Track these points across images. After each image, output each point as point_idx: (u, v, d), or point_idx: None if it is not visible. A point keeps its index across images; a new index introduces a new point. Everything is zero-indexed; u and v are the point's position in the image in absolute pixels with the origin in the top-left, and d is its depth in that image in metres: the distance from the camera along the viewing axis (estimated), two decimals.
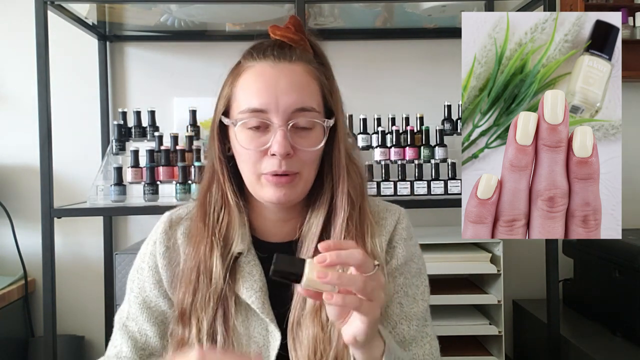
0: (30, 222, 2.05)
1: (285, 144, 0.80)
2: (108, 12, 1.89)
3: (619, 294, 1.63)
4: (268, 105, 0.81)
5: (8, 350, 1.91)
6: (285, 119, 0.81)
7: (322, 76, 0.86)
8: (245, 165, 0.85)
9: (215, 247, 0.85)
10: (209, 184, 0.90)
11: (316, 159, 0.86)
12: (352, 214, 0.85)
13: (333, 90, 0.87)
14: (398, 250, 0.91)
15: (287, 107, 0.81)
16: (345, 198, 0.85)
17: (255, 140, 0.82)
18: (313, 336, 0.81)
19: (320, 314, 0.81)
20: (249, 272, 0.87)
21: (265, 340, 0.85)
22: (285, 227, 0.91)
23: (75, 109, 2.11)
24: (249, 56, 0.86)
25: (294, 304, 0.84)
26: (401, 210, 0.95)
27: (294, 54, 0.84)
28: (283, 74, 0.82)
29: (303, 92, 0.82)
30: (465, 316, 1.78)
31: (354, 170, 0.88)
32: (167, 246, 0.91)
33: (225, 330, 0.84)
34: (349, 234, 0.84)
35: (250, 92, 0.83)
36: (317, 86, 0.85)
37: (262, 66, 0.83)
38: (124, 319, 0.92)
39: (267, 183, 0.83)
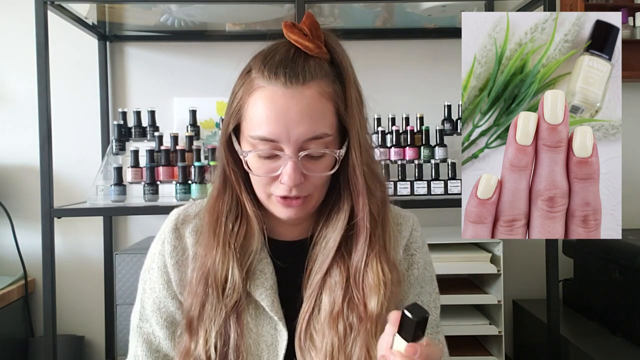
0: (30, 222, 2.05)
1: (296, 177, 0.78)
2: (108, 12, 1.89)
3: (619, 294, 1.63)
4: (279, 135, 0.78)
5: (8, 350, 1.91)
6: (296, 149, 0.78)
7: (338, 91, 0.82)
8: (256, 185, 0.84)
9: (231, 259, 0.83)
10: (219, 192, 0.87)
11: (327, 180, 0.84)
12: (374, 229, 0.84)
13: (349, 104, 0.82)
14: (416, 259, 0.91)
15: (298, 137, 0.78)
16: (366, 216, 0.83)
17: (266, 167, 0.81)
18: (331, 344, 0.80)
19: (337, 323, 0.81)
20: (261, 270, 0.86)
21: (274, 339, 0.85)
22: (297, 227, 0.91)
23: (75, 109, 2.11)
24: (260, 72, 0.80)
25: (304, 307, 0.84)
26: (414, 217, 0.95)
27: (307, 72, 0.79)
28: (294, 100, 0.78)
29: (315, 119, 0.79)
30: (465, 316, 1.78)
31: (375, 185, 0.85)
32: (175, 245, 0.89)
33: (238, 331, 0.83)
34: (372, 250, 0.83)
35: (261, 119, 0.79)
36: (331, 107, 0.81)
37: (273, 90, 0.79)
38: (137, 321, 0.91)
39: (277, 204, 0.83)
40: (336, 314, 0.81)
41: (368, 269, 0.82)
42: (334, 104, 0.81)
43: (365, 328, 0.80)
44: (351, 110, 0.83)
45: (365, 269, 0.82)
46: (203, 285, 0.84)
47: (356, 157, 0.82)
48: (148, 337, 0.90)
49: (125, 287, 1.82)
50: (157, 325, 0.89)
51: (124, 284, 1.83)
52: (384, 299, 0.80)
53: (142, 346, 0.89)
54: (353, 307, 0.82)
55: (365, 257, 0.82)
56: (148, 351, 0.89)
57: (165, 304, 0.89)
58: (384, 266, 0.82)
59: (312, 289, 0.84)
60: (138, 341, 0.90)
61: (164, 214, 0.95)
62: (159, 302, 0.89)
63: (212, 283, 0.83)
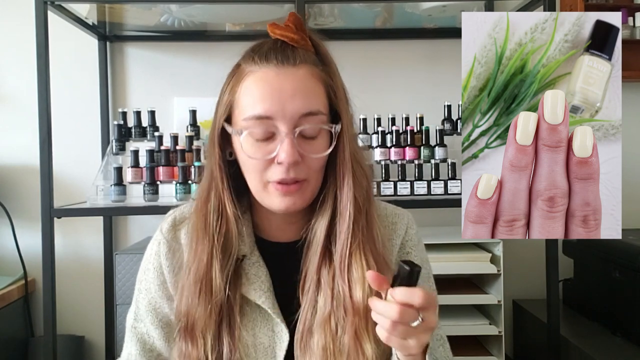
0: (30, 222, 2.05)
1: (293, 153, 0.77)
2: (108, 12, 1.89)
3: (619, 294, 1.63)
4: (274, 111, 0.78)
5: (8, 350, 1.91)
6: (292, 125, 0.78)
7: (327, 77, 0.83)
8: (251, 174, 0.82)
9: (214, 258, 0.83)
10: (207, 193, 0.86)
11: (323, 165, 0.84)
12: (358, 218, 0.83)
13: (338, 91, 0.84)
14: (412, 257, 0.91)
15: (294, 112, 0.78)
16: (350, 202, 0.82)
17: (262, 149, 0.80)
18: (323, 346, 0.80)
19: (330, 323, 0.81)
20: (255, 273, 0.86)
21: (272, 341, 0.85)
22: (290, 228, 0.90)
23: (75, 109, 2.11)
24: (250, 60, 0.82)
25: (303, 309, 0.83)
26: (409, 214, 0.95)
27: (297, 56, 0.81)
28: (287, 79, 0.79)
29: (309, 95, 0.80)
30: (466, 316, 1.78)
31: (361, 173, 0.85)
32: (170, 247, 0.89)
33: (231, 340, 0.82)
34: (355, 239, 0.82)
35: (254, 99, 0.79)
36: (323, 88, 0.82)
37: (265, 72, 0.80)
38: (132, 321, 0.92)
39: (275, 192, 0.81)
40: (328, 313, 0.81)
41: (352, 261, 0.81)
42: (325, 87, 0.83)
43: (351, 322, 0.80)
44: (341, 97, 0.84)
45: (349, 260, 0.82)
46: (196, 286, 0.83)
47: (347, 141, 0.83)
48: (142, 337, 0.90)
49: (125, 287, 1.82)
50: (152, 325, 0.89)
51: (124, 284, 1.83)
52: (369, 290, 0.79)
53: (136, 345, 0.90)
54: (340, 302, 0.81)
55: (349, 246, 0.82)
56: (142, 350, 0.89)
57: (160, 305, 0.90)
58: (369, 257, 0.82)
59: (309, 291, 0.83)
60: (132, 340, 0.90)
61: (164, 214, 0.95)
62: (154, 302, 0.90)
63: (205, 283, 0.83)
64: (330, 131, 0.82)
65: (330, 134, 0.82)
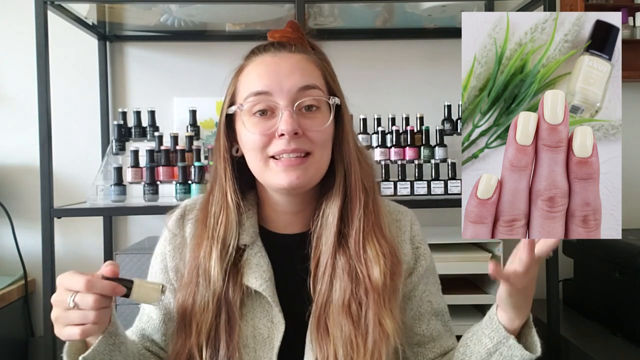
0: (30, 222, 2.05)
1: (292, 122, 0.80)
2: (108, 12, 1.89)
3: (619, 294, 1.63)
4: (272, 87, 0.82)
5: (8, 350, 1.91)
6: (290, 99, 0.82)
7: (322, 63, 0.88)
8: (253, 152, 0.84)
9: (213, 250, 0.85)
10: (212, 188, 0.90)
11: (327, 141, 0.86)
12: (367, 202, 0.86)
13: (334, 77, 0.89)
14: (423, 251, 0.95)
15: (291, 86, 0.82)
16: (359, 186, 0.86)
17: (262, 124, 0.83)
18: (348, 330, 0.81)
19: (351, 307, 0.82)
20: (257, 263, 0.87)
21: (271, 332, 0.85)
22: (296, 219, 0.91)
23: (75, 109, 2.11)
24: (250, 54, 0.89)
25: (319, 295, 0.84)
26: (410, 211, 0.98)
27: (294, 47, 0.87)
28: (284, 60, 0.84)
29: (305, 72, 0.84)
30: (465, 316, 1.78)
31: (364, 160, 0.90)
32: (175, 233, 0.93)
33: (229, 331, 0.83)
34: (368, 223, 0.85)
35: (253, 78, 0.84)
36: (319, 71, 0.87)
37: (263, 58, 0.86)
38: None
39: (277, 167, 0.83)
40: (348, 300, 0.83)
41: (367, 242, 0.85)
42: (322, 72, 0.88)
43: (373, 299, 0.82)
44: (337, 84, 0.90)
45: (364, 242, 0.85)
46: (195, 277, 0.86)
47: (347, 121, 0.88)
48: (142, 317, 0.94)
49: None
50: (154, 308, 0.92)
51: None
52: (385, 268, 0.83)
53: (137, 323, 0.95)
54: (359, 283, 0.83)
55: (363, 229, 0.85)
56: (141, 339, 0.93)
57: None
58: (380, 238, 0.86)
59: (324, 278, 0.85)
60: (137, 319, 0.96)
61: (163, 214, 0.97)
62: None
63: (202, 274, 0.85)
64: (330, 104, 0.85)
65: (330, 107, 0.86)
